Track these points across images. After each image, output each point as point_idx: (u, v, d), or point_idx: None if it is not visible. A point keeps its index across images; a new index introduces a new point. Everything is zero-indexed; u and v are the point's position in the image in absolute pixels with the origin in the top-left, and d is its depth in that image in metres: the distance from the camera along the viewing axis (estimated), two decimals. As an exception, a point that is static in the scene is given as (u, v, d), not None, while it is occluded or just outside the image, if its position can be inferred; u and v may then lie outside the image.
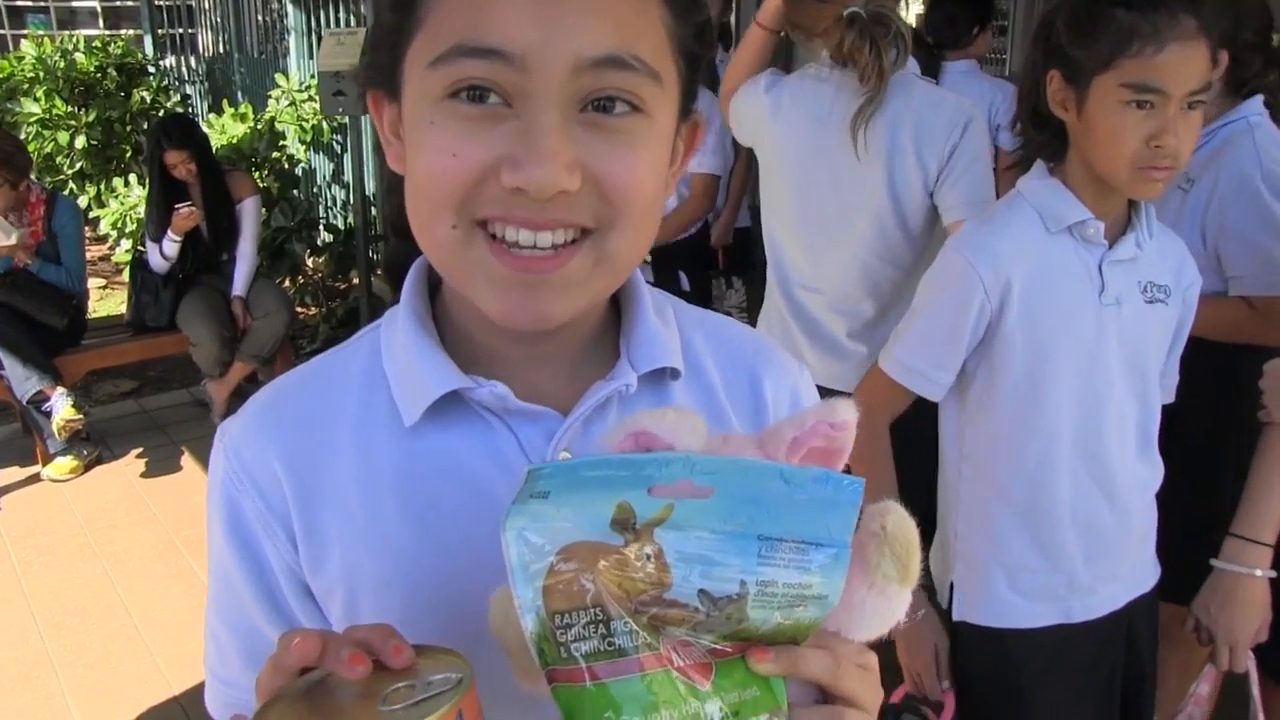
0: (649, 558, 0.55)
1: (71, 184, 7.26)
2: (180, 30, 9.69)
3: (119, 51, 8.05)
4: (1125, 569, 1.72)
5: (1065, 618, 1.68)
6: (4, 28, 13.66)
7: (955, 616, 1.73)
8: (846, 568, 0.55)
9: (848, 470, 0.61)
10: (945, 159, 2.06)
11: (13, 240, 4.26)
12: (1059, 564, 1.65)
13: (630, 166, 0.66)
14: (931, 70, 3.49)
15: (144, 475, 4.44)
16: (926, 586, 1.77)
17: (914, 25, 3.79)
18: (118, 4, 13.73)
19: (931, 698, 1.80)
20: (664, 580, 0.55)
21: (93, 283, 5.60)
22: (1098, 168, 1.50)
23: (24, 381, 4.18)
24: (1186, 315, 1.68)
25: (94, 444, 4.56)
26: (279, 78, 7.13)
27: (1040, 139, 1.58)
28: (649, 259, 3.45)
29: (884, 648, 0.65)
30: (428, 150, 0.66)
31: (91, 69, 7.62)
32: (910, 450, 1.75)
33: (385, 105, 0.74)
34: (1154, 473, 1.71)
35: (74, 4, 14.03)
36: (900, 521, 0.60)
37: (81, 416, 4.27)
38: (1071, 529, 1.64)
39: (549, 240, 0.65)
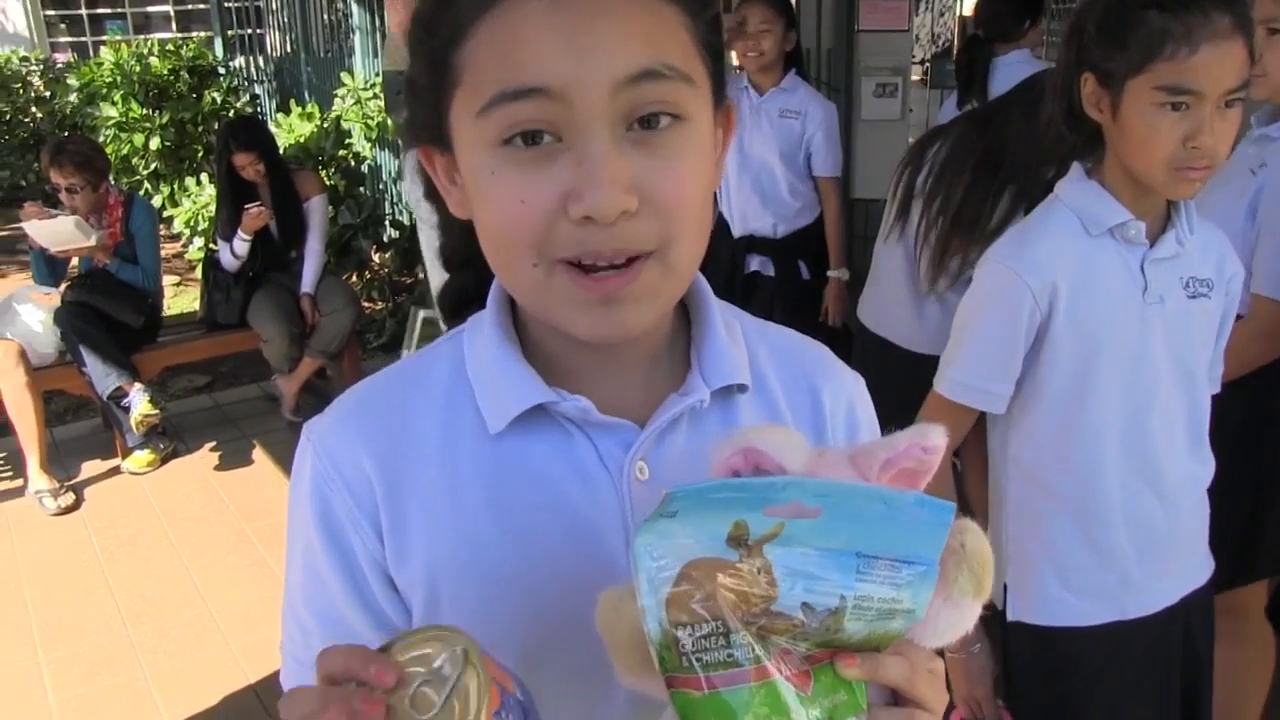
0: (759, 571, 0.58)
1: (146, 184, 7.42)
2: (249, 31, 9.86)
3: (191, 54, 8.21)
4: (1178, 565, 1.70)
5: (1120, 614, 1.66)
6: (85, 34, 14.06)
7: (1010, 617, 1.71)
8: (934, 584, 0.59)
9: None
10: None
11: (92, 241, 4.39)
12: (1112, 563, 1.64)
13: (679, 181, 0.69)
14: (983, 63, 3.46)
15: (217, 468, 4.57)
16: (983, 619, 1.78)
17: (969, 16, 3.78)
18: (189, 7, 14.05)
19: None
20: (771, 593, 0.58)
21: (167, 280, 5.75)
22: (1133, 169, 1.49)
23: (104, 378, 4.32)
24: (1230, 306, 1.66)
25: (170, 438, 4.70)
26: (344, 76, 7.21)
27: (1075, 140, 1.57)
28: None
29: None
30: (496, 199, 0.69)
31: (165, 72, 7.77)
32: None
33: (437, 156, 0.78)
34: (1205, 468, 1.69)
35: (149, 9, 14.38)
36: (977, 539, 0.63)
37: (158, 411, 4.39)
38: (1123, 528, 1.63)
39: (623, 256, 0.69)
